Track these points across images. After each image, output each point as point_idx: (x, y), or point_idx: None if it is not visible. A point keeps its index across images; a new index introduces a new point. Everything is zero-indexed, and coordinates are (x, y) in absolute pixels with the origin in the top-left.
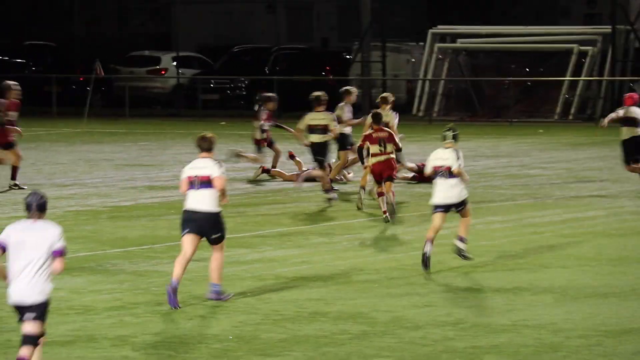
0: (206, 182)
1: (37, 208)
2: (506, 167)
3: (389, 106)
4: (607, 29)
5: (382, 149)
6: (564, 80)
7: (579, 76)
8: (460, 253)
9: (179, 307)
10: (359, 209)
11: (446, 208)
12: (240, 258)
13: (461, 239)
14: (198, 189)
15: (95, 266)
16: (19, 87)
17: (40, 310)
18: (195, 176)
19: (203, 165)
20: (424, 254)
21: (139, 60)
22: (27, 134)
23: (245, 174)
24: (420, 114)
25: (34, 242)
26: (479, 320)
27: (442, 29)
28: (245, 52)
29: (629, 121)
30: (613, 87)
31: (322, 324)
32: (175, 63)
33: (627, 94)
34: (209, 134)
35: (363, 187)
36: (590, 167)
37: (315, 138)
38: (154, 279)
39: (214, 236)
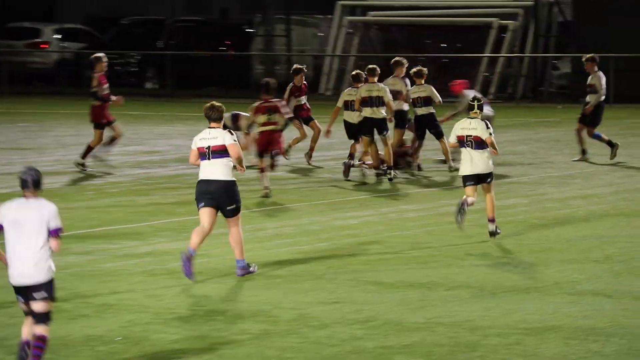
0: (220, 152)
1: (33, 185)
2: (422, 150)
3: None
4: (529, 1)
5: (270, 118)
6: (482, 56)
7: (499, 52)
8: (494, 234)
9: (193, 279)
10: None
11: (477, 180)
12: (129, 251)
13: (492, 220)
14: (212, 159)
15: None
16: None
17: (50, 289)
18: (208, 146)
19: (215, 135)
20: (459, 209)
21: (18, 32)
22: None
23: (135, 158)
24: (329, 92)
25: (30, 221)
26: (390, 318)
27: (351, 0)
28: (136, 24)
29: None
30: (535, 65)
31: (220, 323)
32: (58, 36)
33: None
34: (217, 103)
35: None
36: (511, 151)
37: (370, 112)
38: None
39: (229, 207)
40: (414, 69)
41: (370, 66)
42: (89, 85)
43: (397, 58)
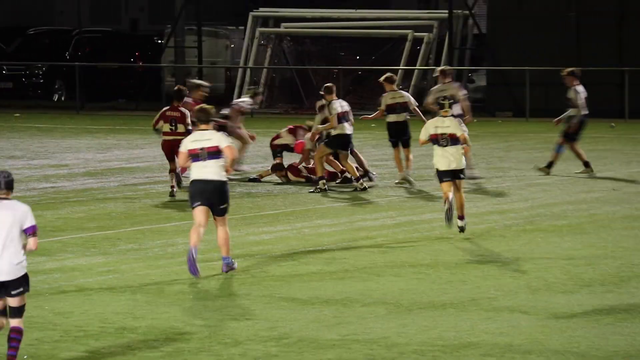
0: (214, 153)
1: (6, 186)
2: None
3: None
4: (443, 13)
5: (173, 128)
6: (397, 69)
7: (414, 65)
8: (463, 229)
9: (199, 276)
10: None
11: (452, 175)
12: (36, 267)
13: (461, 218)
14: (206, 159)
15: None
16: (207, 86)
17: (25, 283)
18: (202, 148)
19: (208, 137)
20: (448, 209)
21: None
22: None
23: (41, 172)
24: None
25: (4, 220)
26: (305, 335)
27: (264, 11)
28: (42, 35)
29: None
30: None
31: (130, 341)
32: None
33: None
34: (206, 106)
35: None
36: (427, 166)
37: (394, 117)
38: None
39: (221, 207)
40: (386, 75)
41: (389, 74)
42: None
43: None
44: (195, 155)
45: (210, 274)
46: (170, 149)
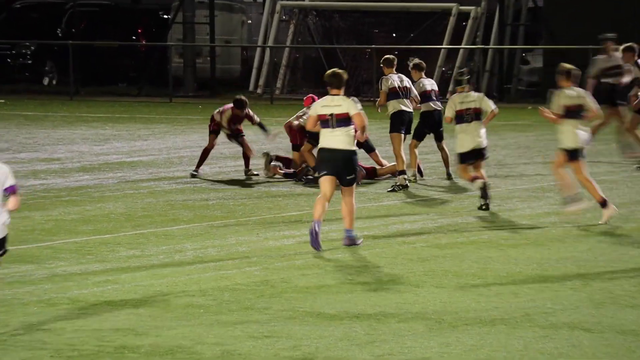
0: (343, 120)
1: None
2: (366, 158)
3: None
4: None
5: None
6: (439, 48)
7: (459, 44)
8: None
9: (321, 249)
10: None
11: (475, 155)
12: (24, 277)
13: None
14: (335, 127)
15: None
16: None
17: (3, 244)
18: (331, 114)
19: (338, 103)
20: (483, 186)
21: None
22: None
23: (29, 167)
24: (259, 91)
25: None
26: (333, 355)
27: None
28: (30, 8)
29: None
30: (501, 58)
31: None
32: None
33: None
34: (338, 70)
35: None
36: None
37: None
38: None
39: (348, 177)
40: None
41: (417, 60)
42: None
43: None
44: (325, 122)
45: (222, 284)
46: None
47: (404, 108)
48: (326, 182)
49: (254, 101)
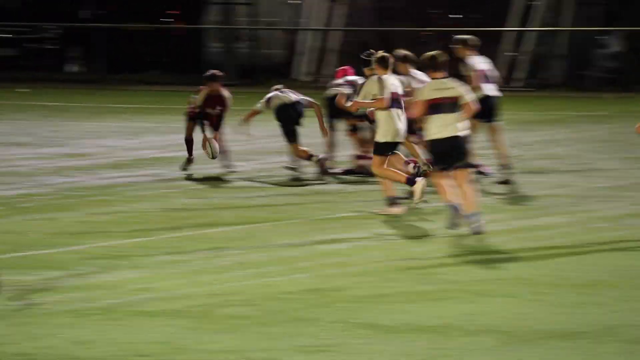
0: (453, 104)
1: None
2: None
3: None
4: None
5: None
6: (506, 31)
7: (528, 26)
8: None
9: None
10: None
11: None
12: (50, 284)
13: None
14: (446, 112)
15: None
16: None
17: None
18: (442, 98)
19: (449, 86)
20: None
21: None
22: None
23: (54, 163)
24: (305, 77)
25: None
26: None
27: None
28: None
29: None
30: (576, 42)
31: None
32: None
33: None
34: (439, 52)
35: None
36: (545, 155)
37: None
38: None
39: (462, 163)
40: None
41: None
42: None
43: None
44: (435, 106)
45: (268, 292)
46: None
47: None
48: (446, 176)
49: (298, 89)
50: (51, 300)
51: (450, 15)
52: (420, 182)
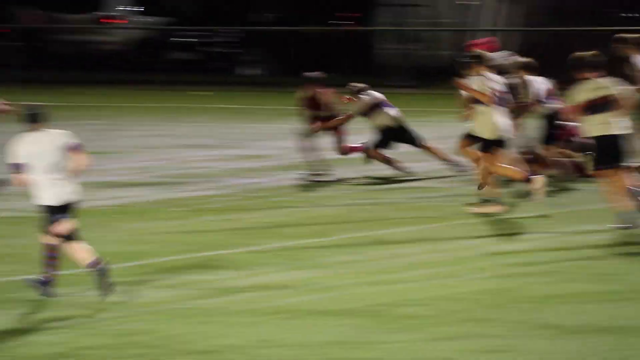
0: (610, 104)
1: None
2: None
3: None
4: None
5: None
6: None
7: None
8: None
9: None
10: None
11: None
12: (229, 284)
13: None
14: (605, 112)
15: (22, 296)
16: None
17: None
18: (599, 98)
19: (604, 85)
20: None
21: (81, 3)
22: None
23: (233, 165)
24: None
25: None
26: None
27: None
28: None
29: None
30: None
31: None
32: (132, 8)
33: None
34: (592, 52)
35: None
36: None
37: None
38: (113, 313)
39: (621, 162)
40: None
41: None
42: (169, 70)
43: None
44: (594, 107)
45: (445, 293)
46: None
47: None
48: (621, 175)
49: None
50: (227, 300)
51: (625, 15)
52: (539, 179)
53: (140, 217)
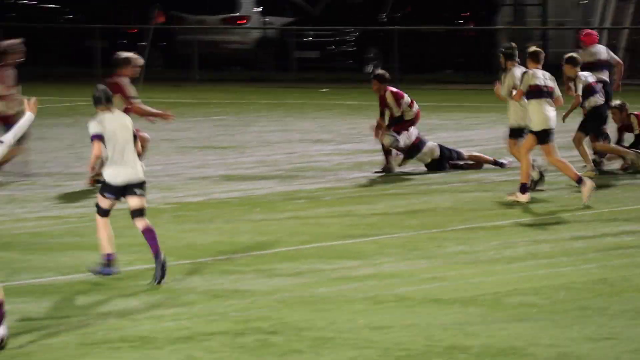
0: None
1: (107, 100)
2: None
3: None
4: None
5: None
6: None
7: None
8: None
9: None
10: None
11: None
12: (348, 273)
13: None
14: None
15: (156, 284)
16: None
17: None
18: None
19: None
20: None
21: (212, 4)
22: (64, 106)
23: (353, 159)
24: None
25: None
26: None
27: None
28: None
29: None
30: None
31: None
32: (260, 9)
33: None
34: None
35: None
36: None
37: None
38: (234, 300)
39: None
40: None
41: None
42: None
43: None
44: None
45: (557, 283)
46: None
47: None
48: None
49: None
50: (349, 288)
51: None
52: (588, 182)
53: (263, 209)
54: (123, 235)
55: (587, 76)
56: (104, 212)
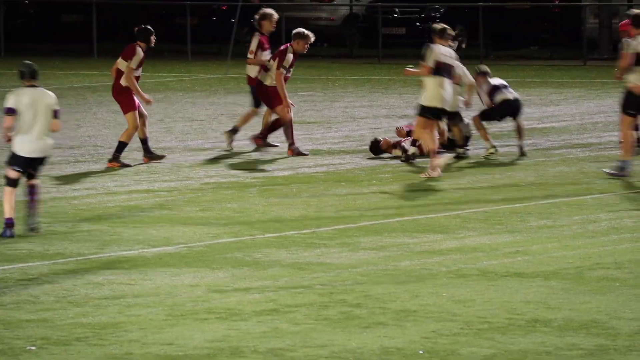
0: None
1: (31, 75)
2: None
3: None
4: None
5: None
6: None
7: None
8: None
9: None
10: None
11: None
12: (432, 246)
13: None
14: None
15: (242, 256)
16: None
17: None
18: None
19: None
20: None
21: None
22: (154, 82)
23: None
24: None
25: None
26: None
27: None
28: None
29: None
30: None
31: (544, 336)
32: None
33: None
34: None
35: None
36: None
37: None
38: (319, 273)
39: None
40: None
41: None
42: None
43: None
44: None
45: (639, 257)
46: None
47: None
48: None
49: None
50: (433, 261)
51: None
52: (445, 156)
53: (349, 183)
54: (210, 209)
55: None
56: (12, 183)
